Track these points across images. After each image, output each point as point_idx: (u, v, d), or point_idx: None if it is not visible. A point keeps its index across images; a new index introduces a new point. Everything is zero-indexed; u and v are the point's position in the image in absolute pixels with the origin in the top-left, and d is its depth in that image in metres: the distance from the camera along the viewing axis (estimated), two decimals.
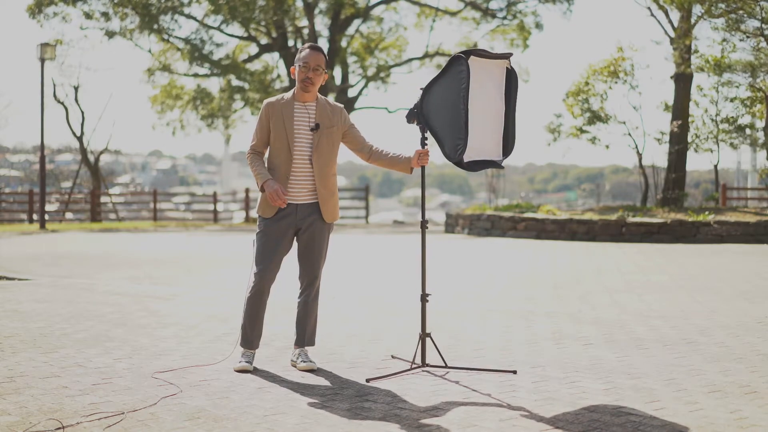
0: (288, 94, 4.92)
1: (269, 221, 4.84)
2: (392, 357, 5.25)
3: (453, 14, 29.84)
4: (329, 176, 4.88)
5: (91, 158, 30.20)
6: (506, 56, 4.89)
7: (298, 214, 4.85)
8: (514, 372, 4.83)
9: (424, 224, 4.98)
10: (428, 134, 4.92)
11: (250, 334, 4.92)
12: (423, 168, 4.93)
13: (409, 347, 5.48)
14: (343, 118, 4.93)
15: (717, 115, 20.12)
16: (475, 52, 4.77)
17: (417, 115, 4.89)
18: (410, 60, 30.70)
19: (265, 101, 4.92)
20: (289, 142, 4.79)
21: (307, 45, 4.90)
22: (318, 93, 4.94)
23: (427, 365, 4.90)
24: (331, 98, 28.37)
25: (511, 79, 4.92)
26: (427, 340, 4.99)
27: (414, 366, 4.87)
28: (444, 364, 4.91)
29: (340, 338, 5.87)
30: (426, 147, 4.89)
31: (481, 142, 4.87)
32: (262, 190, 4.76)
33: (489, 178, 21.25)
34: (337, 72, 29.59)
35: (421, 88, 4.90)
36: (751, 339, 5.84)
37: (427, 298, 5.04)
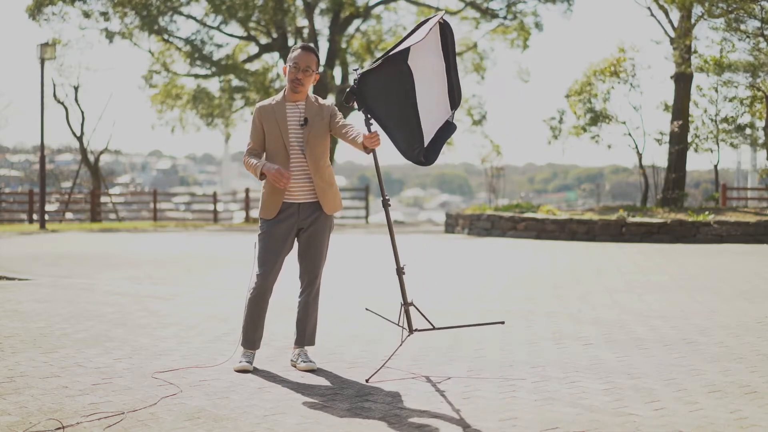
0: (279, 96, 4.94)
1: (272, 223, 4.84)
2: (366, 309, 5.66)
3: (453, 14, 29.85)
4: (324, 168, 4.89)
5: (91, 158, 30.19)
6: (437, 15, 4.91)
7: (300, 214, 4.85)
8: (502, 323, 5.26)
9: (385, 203, 4.99)
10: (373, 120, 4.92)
11: (252, 335, 4.92)
12: (374, 151, 4.84)
13: (410, 347, 5.47)
14: (330, 111, 4.92)
15: (717, 115, 20.12)
16: (411, 40, 4.81)
17: (357, 99, 4.89)
18: None
19: (257, 105, 4.94)
20: (285, 142, 4.80)
21: (299, 45, 4.90)
22: (308, 92, 4.95)
23: (416, 330, 4.95)
24: (330, 98, 28.38)
25: (446, 32, 4.95)
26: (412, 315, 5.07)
27: (403, 329, 4.95)
28: (431, 326, 4.99)
29: (340, 338, 5.87)
30: (374, 131, 4.74)
31: (430, 118, 4.91)
32: (262, 177, 4.74)
33: (489, 178, 21.25)
34: (337, 72, 29.60)
35: (355, 70, 4.91)
36: (751, 339, 5.84)
37: (404, 271, 5.00)
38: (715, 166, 20.99)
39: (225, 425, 3.77)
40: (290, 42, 28.36)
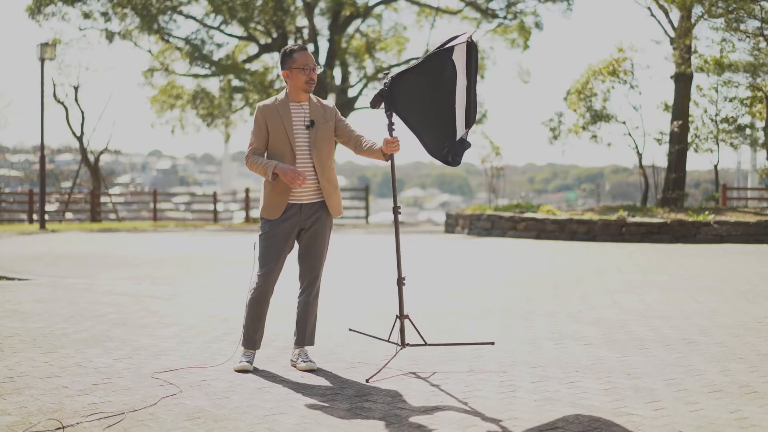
0: (281, 96, 4.93)
1: (274, 223, 4.84)
2: (350, 330, 5.67)
3: (453, 13, 29.86)
4: (330, 171, 4.90)
5: (91, 158, 30.20)
6: (466, 34, 4.97)
7: (302, 214, 4.86)
8: (492, 343, 5.26)
9: (396, 210, 5.03)
10: (396, 120, 4.97)
11: (254, 335, 4.92)
12: (392, 156, 4.90)
13: (410, 347, 5.46)
14: (335, 113, 4.98)
15: (717, 115, 20.12)
16: (453, 43, 4.88)
17: (386, 101, 4.91)
18: (410, 60, 30.68)
19: (259, 104, 4.92)
20: (291, 141, 4.80)
21: (294, 47, 4.90)
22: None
23: (407, 345, 4.99)
24: (331, 99, 28.37)
25: (471, 51, 4.99)
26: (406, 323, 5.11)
27: (397, 346, 5.00)
28: (423, 342, 5.05)
29: (340, 338, 5.87)
30: (395, 135, 4.87)
31: (460, 122, 4.99)
32: (274, 177, 4.73)
33: (489, 178, 21.24)
34: (337, 72, 29.58)
35: (385, 73, 4.97)
36: (751, 339, 5.84)
37: (404, 281, 5.04)
38: (715, 166, 20.98)
39: (225, 425, 3.77)
40: (290, 42, 28.36)
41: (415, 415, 3.95)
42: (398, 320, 5.01)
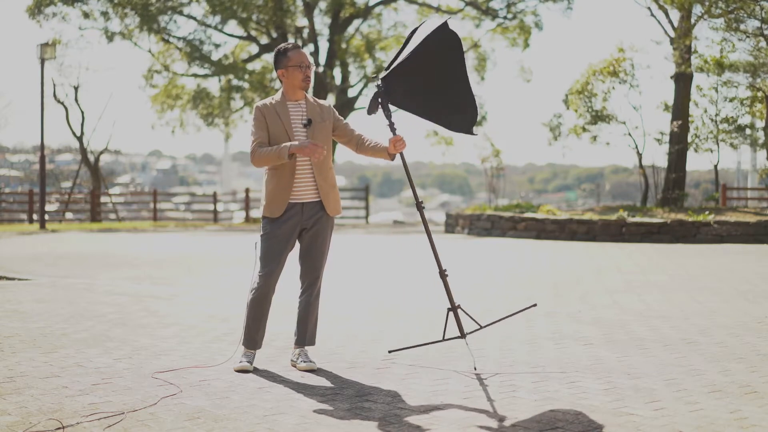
0: (277, 96, 4.94)
1: (276, 223, 4.83)
2: (389, 351, 5.33)
3: (453, 13, 29.84)
4: (327, 170, 4.91)
5: (91, 158, 30.19)
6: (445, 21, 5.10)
7: (304, 213, 4.86)
8: (535, 305, 5.47)
9: (419, 205, 5.07)
10: (395, 116, 5.02)
11: (255, 335, 4.92)
12: (402, 153, 4.95)
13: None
14: (332, 113, 4.99)
15: (717, 115, 20.12)
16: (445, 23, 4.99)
17: (383, 103, 4.97)
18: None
19: (257, 104, 4.92)
20: (290, 139, 4.80)
21: (289, 46, 4.91)
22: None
23: (467, 334, 5.11)
24: (331, 99, 28.30)
25: (455, 40, 5.12)
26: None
27: (460, 339, 5.08)
28: (478, 326, 5.18)
29: (340, 338, 5.88)
30: (399, 134, 4.90)
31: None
32: (291, 156, 4.68)
33: (489, 178, 21.24)
34: (337, 72, 29.57)
35: (374, 75, 5.06)
36: (751, 339, 5.84)
37: (446, 273, 5.15)
38: (715, 166, 20.98)
39: (225, 425, 3.77)
40: (290, 42, 28.30)
41: (415, 415, 3.95)
42: (451, 313, 5.04)
